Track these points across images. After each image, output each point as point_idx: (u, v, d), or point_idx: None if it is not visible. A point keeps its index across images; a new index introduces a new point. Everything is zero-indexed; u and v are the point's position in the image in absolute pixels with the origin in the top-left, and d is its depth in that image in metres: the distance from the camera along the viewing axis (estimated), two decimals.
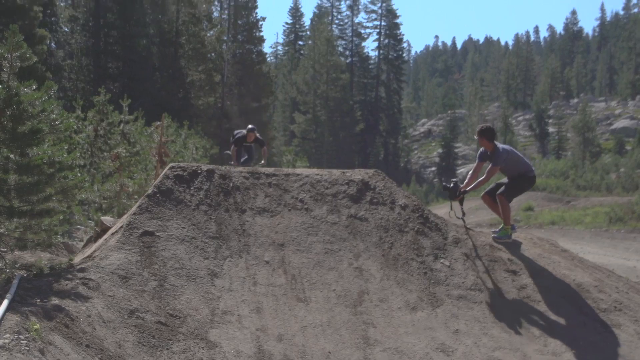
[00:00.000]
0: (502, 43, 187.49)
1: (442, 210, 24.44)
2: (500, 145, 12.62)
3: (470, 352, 10.27)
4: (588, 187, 58.26)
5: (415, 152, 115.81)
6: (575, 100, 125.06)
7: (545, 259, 12.41)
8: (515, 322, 10.94)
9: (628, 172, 60.27)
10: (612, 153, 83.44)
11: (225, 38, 76.39)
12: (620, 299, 11.65)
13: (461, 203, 12.95)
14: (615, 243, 23.73)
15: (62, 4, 63.79)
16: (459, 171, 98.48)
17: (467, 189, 12.77)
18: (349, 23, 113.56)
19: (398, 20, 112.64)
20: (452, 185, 12.86)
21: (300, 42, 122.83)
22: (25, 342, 7.32)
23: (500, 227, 12.94)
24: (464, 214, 12.93)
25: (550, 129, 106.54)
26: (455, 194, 12.76)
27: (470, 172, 13.01)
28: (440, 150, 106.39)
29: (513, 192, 12.82)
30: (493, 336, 10.64)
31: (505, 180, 12.96)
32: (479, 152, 13.05)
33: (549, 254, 12.72)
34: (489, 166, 12.58)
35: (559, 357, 10.27)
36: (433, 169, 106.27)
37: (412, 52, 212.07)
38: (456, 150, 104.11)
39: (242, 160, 19.85)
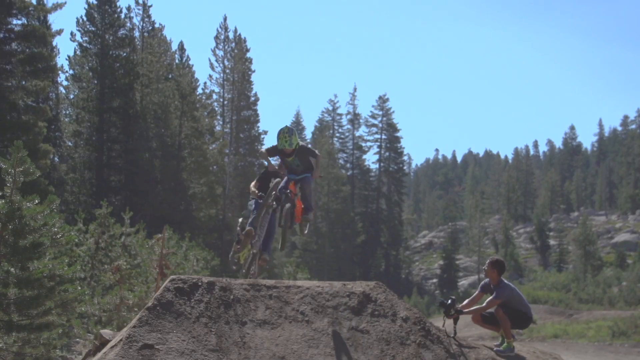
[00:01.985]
0: (502, 157, 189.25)
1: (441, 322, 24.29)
2: (506, 281, 12.98)
3: None
4: (590, 300, 57.94)
5: (417, 263, 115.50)
6: (576, 213, 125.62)
7: None
8: None
9: (630, 286, 60.02)
10: (614, 266, 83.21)
11: (227, 151, 77.41)
12: None
13: (455, 322, 12.97)
14: (619, 357, 23.48)
15: (66, 119, 64.92)
16: (460, 283, 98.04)
17: (465, 310, 12.90)
18: (350, 136, 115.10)
19: (398, 134, 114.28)
20: (449, 302, 12.95)
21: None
22: None
23: (502, 341, 12.88)
24: (455, 332, 12.89)
25: (551, 242, 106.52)
26: (450, 312, 12.84)
27: (468, 300, 13.21)
28: (441, 262, 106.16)
29: (509, 318, 12.89)
30: None
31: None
32: (482, 283, 13.37)
33: None
34: (490, 297, 12.76)
35: None
36: (434, 280, 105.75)
37: (413, 165, 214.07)
38: (457, 261, 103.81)
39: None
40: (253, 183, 13.64)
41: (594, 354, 24.04)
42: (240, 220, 13.12)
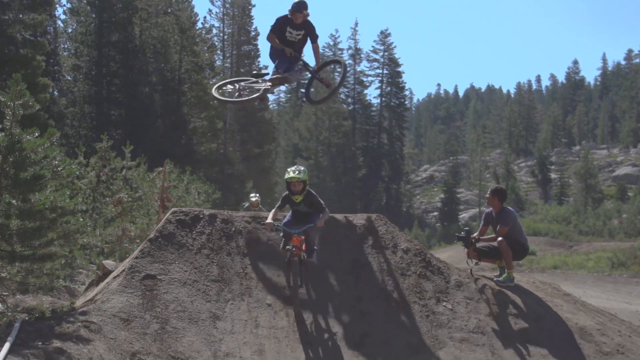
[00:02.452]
0: (504, 91, 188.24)
1: (444, 254, 24.47)
2: (507, 207, 13.16)
3: None
4: (590, 232, 58.23)
5: (418, 197, 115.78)
6: (577, 147, 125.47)
7: (548, 303, 12.41)
8: None
9: (630, 218, 60.26)
10: (615, 199, 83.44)
11: None
12: (623, 343, 11.62)
13: (474, 251, 13.09)
14: (617, 287, 23.69)
15: (65, 54, 64.35)
16: (461, 216, 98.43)
17: (480, 238, 13.02)
18: (352, 71, 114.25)
19: (400, 69, 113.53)
20: (464, 233, 13.04)
21: (303, 90, 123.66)
22: None
23: (501, 273, 12.98)
24: (476, 262, 13.07)
25: (552, 175, 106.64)
26: (469, 242, 12.93)
27: (475, 234, 13.30)
28: (442, 196, 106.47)
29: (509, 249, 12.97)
30: None
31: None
32: (485, 214, 13.55)
33: (551, 297, 12.72)
34: (498, 227, 12.83)
35: None
36: (435, 213, 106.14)
37: (414, 100, 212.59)
38: (458, 195, 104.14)
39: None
40: (272, 213, 11.93)
41: (592, 284, 24.25)
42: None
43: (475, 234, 13.13)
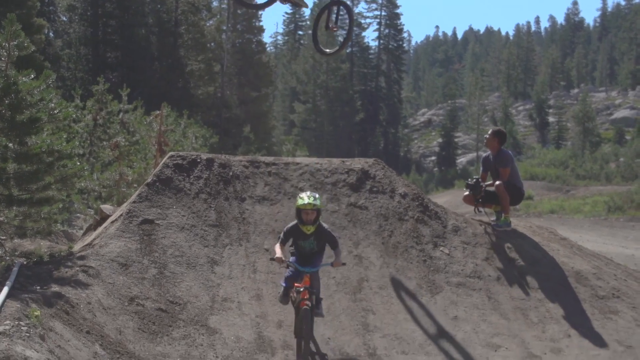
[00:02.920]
0: (503, 33, 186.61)
1: (442, 199, 24.51)
2: (504, 149, 13.16)
3: (469, 338, 10.33)
4: (587, 176, 58.31)
5: (415, 141, 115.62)
6: (576, 90, 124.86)
7: (544, 247, 12.47)
8: (513, 309, 11.00)
9: (627, 162, 60.30)
10: (612, 143, 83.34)
11: (224, 28, 76.17)
12: (619, 286, 11.71)
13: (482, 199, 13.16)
14: (614, 231, 23.79)
15: None
16: (458, 160, 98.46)
17: (486, 183, 13.13)
18: None
19: (398, 11, 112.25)
20: (474, 182, 13.07)
21: (300, 32, 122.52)
22: (25, 328, 7.37)
23: (498, 217, 13.01)
24: (483, 211, 13.20)
25: (550, 119, 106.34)
26: (479, 190, 12.96)
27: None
28: (440, 140, 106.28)
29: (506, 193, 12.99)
30: (492, 323, 10.70)
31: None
32: (482, 159, 13.60)
33: (548, 242, 12.77)
34: (500, 170, 12.82)
35: (557, 343, 10.33)
36: (433, 158, 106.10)
37: (413, 42, 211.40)
38: (456, 139, 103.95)
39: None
40: (278, 247, 9.79)
41: (589, 229, 24.37)
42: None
43: (483, 183, 13.14)
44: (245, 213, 12.05)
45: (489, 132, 13.31)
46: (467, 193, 13.21)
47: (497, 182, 12.75)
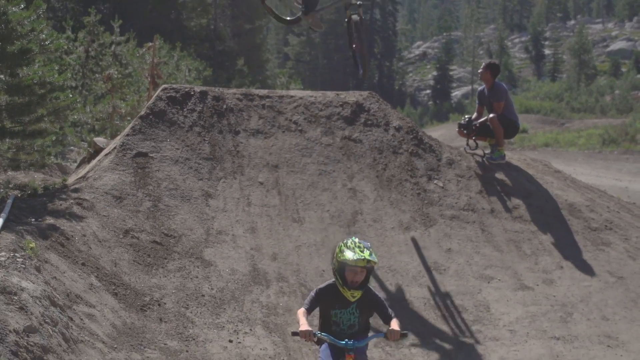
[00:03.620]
0: None
1: (436, 132, 24.48)
2: (498, 82, 13.08)
3: (462, 270, 10.42)
4: (582, 109, 58.21)
5: (410, 74, 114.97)
6: (572, 22, 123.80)
7: (538, 180, 12.51)
8: (506, 241, 11.08)
9: (623, 94, 60.17)
10: (608, 75, 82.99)
11: None
12: (611, 218, 11.78)
13: (474, 137, 13.19)
14: (608, 164, 23.85)
15: None
16: (453, 94, 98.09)
17: (479, 122, 13.10)
18: None
19: None
20: (466, 121, 13.11)
21: None
22: (21, 260, 7.40)
23: (492, 150, 13.02)
24: (477, 145, 13.20)
25: (546, 51, 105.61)
26: (471, 129, 12.99)
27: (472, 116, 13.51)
28: (435, 73, 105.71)
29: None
30: (485, 255, 10.78)
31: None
32: (478, 93, 13.57)
33: (542, 174, 12.81)
34: (494, 104, 12.78)
35: (549, 275, 10.44)
36: (428, 91, 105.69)
37: None
38: (451, 72, 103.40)
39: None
40: (302, 314, 6.39)
41: (583, 162, 24.42)
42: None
43: (475, 122, 13.13)
44: (240, 146, 12.03)
45: (482, 65, 13.26)
46: (464, 132, 13.26)
47: (492, 116, 12.73)
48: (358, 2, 10.39)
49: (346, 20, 10.68)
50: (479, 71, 13.64)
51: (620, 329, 9.25)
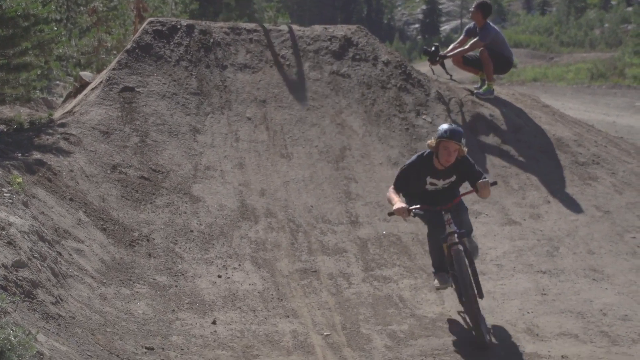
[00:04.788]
0: None
1: (425, 67, 24.31)
2: (490, 24, 12.77)
3: None
4: (572, 43, 57.88)
5: (399, 8, 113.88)
6: None
7: (527, 115, 12.48)
8: (495, 176, 11.09)
9: (612, 28, 59.77)
10: (597, 8, 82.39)
11: None
12: (599, 153, 11.80)
13: (443, 66, 12.99)
14: (596, 99, 23.79)
15: None
16: (442, 28, 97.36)
17: (448, 54, 12.82)
18: None
19: None
20: (433, 49, 12.91)
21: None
22: (8, 195, 7.38)
23: (482, 84, 12.95)
24: (451, 75, 13.06)
25: None
26: (435, 59, 12.81)
27: (453, 44, 13.38)
28: (423, 7, 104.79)
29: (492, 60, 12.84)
30: None
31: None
32: (467, 27, 13.25)
33: (530, 109, 12.78)
34: (475, 39, 12.58)
35: (537, 210, 10.49)
36: (416, 25, 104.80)
37: None
38: (440, 6, 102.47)
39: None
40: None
41: (571, 96, 24.36)
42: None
43: (443, 52, 12.95)
44: (227, 81, 11.93)
45: (473, 5, 13.02)
46: (428, 59, 13.10)
47: (481, 49, 12.61)
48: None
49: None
50: (470, 10, 13.47)
51: (606, 262, 9.34)
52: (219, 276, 8.45)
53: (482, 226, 10.06)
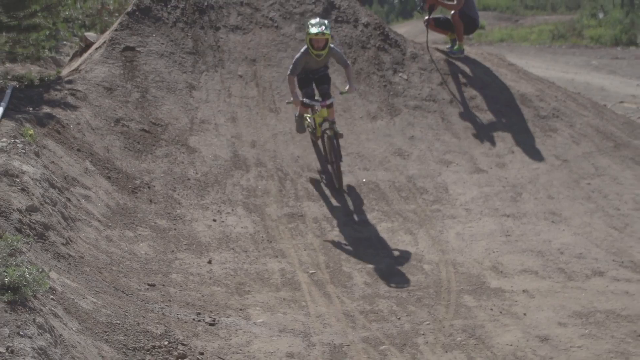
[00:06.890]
0: None
1: (402, 29, 24.17)
2: None
3: (424, 155, 10.48)
4: (535, 6, 57.41)
5: None
6: None
7: (494, 72, 12.46)
8: (464, 129, 11.13)
9: None
10: None
11: None
12: (559, 107, 11.83)
13: (431, 11, 12.75)
14: (556, 58, 23.72)
15: None
16: None
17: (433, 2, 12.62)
18: None
19: None
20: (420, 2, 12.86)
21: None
22: (21, 145, 7.34)
23: (453, 45, 12.89)
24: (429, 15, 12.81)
25: None
26: (424, 5, 12.74)
27: None
28: None
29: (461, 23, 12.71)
30: (444, 141, 10.84)
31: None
32: None
33: (497, 67, 12.75)
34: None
35: (502, 159, 10.54)
36: None
37: None
38: None
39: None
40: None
41: (534, 55, 24.28)
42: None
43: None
44: (220, 41, 11.81)
45: None
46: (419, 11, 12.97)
47: (452, 12, 12.53)
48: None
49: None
50: None
51: (564, 206, 9.42)
52: (214, 220, 8.47)
53: (452, 174, 10.10)
